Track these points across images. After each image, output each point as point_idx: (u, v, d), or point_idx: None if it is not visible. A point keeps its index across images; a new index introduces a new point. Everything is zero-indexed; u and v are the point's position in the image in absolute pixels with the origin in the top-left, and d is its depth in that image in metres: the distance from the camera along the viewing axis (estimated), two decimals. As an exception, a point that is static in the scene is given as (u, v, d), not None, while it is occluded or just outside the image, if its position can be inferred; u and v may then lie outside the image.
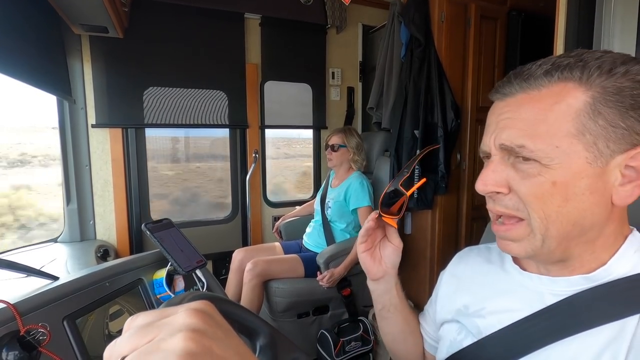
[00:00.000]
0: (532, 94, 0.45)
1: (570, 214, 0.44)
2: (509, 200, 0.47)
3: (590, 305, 0.45)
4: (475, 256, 0.65)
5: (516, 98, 0.46)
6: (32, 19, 1.42)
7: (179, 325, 0.22)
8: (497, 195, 0.47)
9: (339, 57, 2.63)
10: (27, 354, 0.55)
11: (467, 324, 0.57)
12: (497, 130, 0.47)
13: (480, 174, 0.48)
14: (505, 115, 0.46)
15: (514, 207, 0.46)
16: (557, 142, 0.42)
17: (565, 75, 0.43)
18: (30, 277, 0.80)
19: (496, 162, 0.47)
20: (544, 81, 0.44)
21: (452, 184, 2.24)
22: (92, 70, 1.96)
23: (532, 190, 0.44)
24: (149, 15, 2.05)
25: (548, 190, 0.43)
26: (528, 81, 0.45)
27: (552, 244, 0.45)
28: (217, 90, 2.27)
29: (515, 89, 0.46)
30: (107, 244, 2.02)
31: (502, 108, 0.47)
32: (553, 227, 0.44)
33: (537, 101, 0.44)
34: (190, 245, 0.90)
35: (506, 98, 0.47)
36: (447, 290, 0.65)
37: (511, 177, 0.46)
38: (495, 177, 0.46)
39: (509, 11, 2.34)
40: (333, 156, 2.09)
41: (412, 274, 2.41)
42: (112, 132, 2.04)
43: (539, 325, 0.48)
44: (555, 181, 0.43)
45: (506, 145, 0.45)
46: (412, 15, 2.07)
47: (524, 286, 0.53)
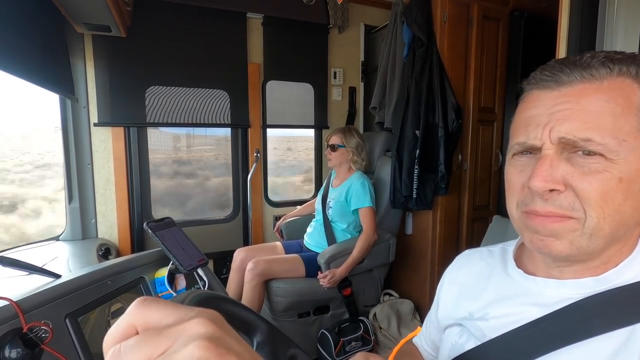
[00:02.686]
0: (594, 85, 0.42)
1: (626, 212, 0.42)
2: (564, 198, 0.42)
3: (600, 311, 0.43)
4: (476, 260, 0.63)
5: (575, 88, 0.42)
6: (35, 18, 1.42)
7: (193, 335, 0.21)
8: (550, 193, 0.43)
9: (341, 57, 2.63)
10: (29, 351, 0.55)
11: (469, 327, 0.56)
12: (552, 122, 0.42)
13: (536, 170, 0.43)
14: (564, 106, 0.42)
15: (570, 207, 0.42)
16: (623, 136, 0.40)
17: (624, 69, 0.42)
18: (32, 275, 0.81)
19: (552, 157, 0.43)
20: (604, 73, 0.42)
21: (453, 185, 2.23)
22: (95, 69, 1.97)
23: (596, 187, 0.41)
24: (152, 15, 2.05)
25: (613, 187, 0.41)
26: (588, 70, 0.42)
27: (599, 244, 0.43)
28: (219, 90, 2.27)
29: (573, 78, 0.42)
30: (108, 243, 2.03)
31: (556, 98, 0.43)
32: (608, 227, 0.42)
33: (600, 92, 0.41)
34: (191, 244, 0.90)
35: (560, 87, 0.43)
36: (449, 297, 0.63)
37: (568, 172, 0.42)
38: (554, 172, 0.42)
39: (512, 12, 2.34)
40: (332, 156, 2.09)
41: (412, 275, 2.41)
42: (114, 131, 2.05)
43: (545, 330, 0.46)
44: (621, 177, 0.40)
45: (568, 139, 0.41)
46: (415, 15, 2.07)
47: (528, 290, 0.51)
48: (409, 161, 2.09)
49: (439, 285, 0.69)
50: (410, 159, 2.09)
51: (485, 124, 2.36)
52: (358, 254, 1.91)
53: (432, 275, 2.25)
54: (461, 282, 0.63)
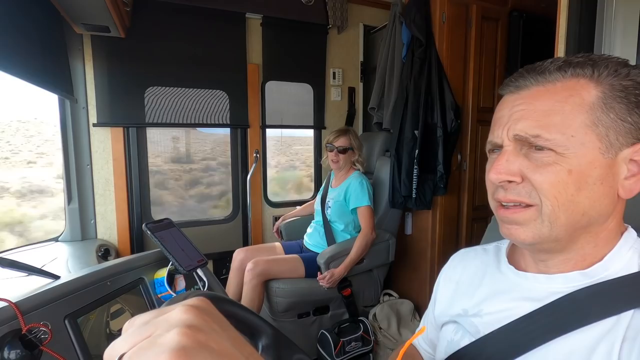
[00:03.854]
0: (547, 87, 0.47)
1: (582, 203, 0.45)
2: (522, 188, 0.47)
3: (590, 302, 0.46)
4: (471, 259, 0.65)
5: (531, 91, 0.48)
6: (34, 19, 1.42)
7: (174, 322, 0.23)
8: (509, 184, 0.48)
9: (340, 58, 2.63)
10: (28, 352, 0.55)
11: (464, 324, 0.58)
12: (510, 122, 0.48)
13: (494, 164, 0.49)
14: (520, 107, 0.47)
15: (527, 195, 0.47)
16: (572, 132, 0.44)
17: (578, 71, 0.46)
18: (31, 276, 0.81)
19: (509, 152, 0.48)
20: (558, 76, 0.46)
21: (452, 185, 2.24)
22: (94, 69, 1.96)
23: (547, 178, 0.45)
24: (151, 15, 2.05)
25: (563, 179, 0.45)
26: (543, 75, 0.47)
27: (560, 232, 0.46)
28: (218, 90, 2.27)
29: (530, 82, 0.48)
30: (108, 243, 2.03)
31: (515, 100, 0.48)
32: (564, 215, 0.45)
33: (552, 93, 0.46)
34: (191, 244, 0.90)
35: (520, 91, 0.49)
36: (445, 295, 0.66)
37: (525, 166, 0.47)
38: (509, 166, 0.47)
39: (510, 12, 2.34)
40: (340, 158, 2.06)
41: (412, 275, 2.41)
42: (114, 131, 2.05)
43: (539, 322, 0.48)
44: (571, 169, 0.44)
45: (521, 136, 0.46)
46: (413, 16, 2.08)
47: (519, 286, 0.53)
48: (408, 161, 2.10)
49: (436, 284, 0.71)
50: (409, 159, 2.10)
51: (485, 124, 2.36)
52: (356, 253, 1.91)
53: (432, 276, 2.25)
54: (457, 280, 0.65)
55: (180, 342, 0.21)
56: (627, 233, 0.50)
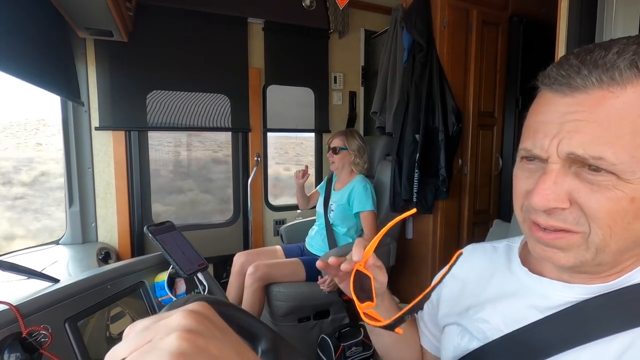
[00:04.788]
0: (615, 92, 0.36)
1: (637, 230, 0.39)
2: (569, 214, 0.40)
3: (601, 314, 0.42)
4: (480, 256, 0.61)
5: (591, 95, 0.37)
6: (38, 24, 1.43)
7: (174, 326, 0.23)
8: (553, 210, 0.40)
9: (341, 62, 2.64)
10: (28, 355, 0.55)
11: (470, 328, 0.55)
12: (562, 134, 0.38)
13: (538, 186, 0.40)
14: (576, 116, 0.37)
15: (574, 222, 0.40)
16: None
17: None
18: (31, 280, 0.81)
19: (557, 173, 0.39)
20: (630, 76, 0.36)
21: (453, 189, 2.23)
22: (97, 73, 1.98)
23: (605, 206, 0.37)
24: (154, 20, 2.07)
25: (624, 207, 0.37)
26: (609, 74, 0.36)
27: (605, 258, 0.41)
28: (220, 94, 2.28)
29: (590, 82, 0.37)
30: (108, 247, 2.03)
31: (569, 105, 0.38)
32: (615, 244, 0.39)
33: (620, 102, 0.36)
34: (191, 248, 0.90)
35: (575, 93, 0.38)
36: (451, 293, 0.62)
37: (575, 189, 0.39)
38: (557, 190, 0.39)
39: (511, 17, 2.35)
40: (335, 158, 2.09)
41: (413, 279, 2.40)
42: (115, 135, 2.05)
43: (545, 333, 0.45)
44: (634, 197, 0.37)
45: (577, 155, 0.37)
46: (414, 21, 2.09)
47: (532, 290, 0.49)
48: (408, 165, 2.10)
49: None
50: (410, 162, 2.10)
51: (485, 129, 2.36)
52: (358, 258, 1.90)
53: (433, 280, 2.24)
54: (464, 278, 0.61)
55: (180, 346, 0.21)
56: None
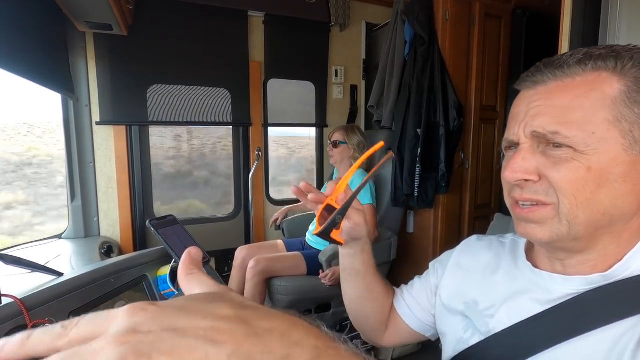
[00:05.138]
0: (566, 82, 0.44)
1: (602, 201, 0.43)
2: (540, 186, 0.45)
3: (599, 304, 0.44)
4: (484, 249, 0.63)
5: (548, 86, 0.45)
6: (37, 17, 1.42)
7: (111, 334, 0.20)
8: (525, 183, 0.46)
9: (342, 55, 2.62)
10: (33, 348, 0.55)
11: (476, 322, 0.56)
12: (527, 119, 0.46)
13: (509, 163, 0.47)
14: (537, 103, 0.45)
15: (544, 193, 0.45)
16: (593, 129, 0.42)
17: (599, 64, 0.43)
18: (35, 273, 0.81)
19: (525, 150, 0.46)
20: (578, 70, 0.44)
21: (455, 183, 2.23)
22: (97, 67, 1.97)
23: (565, 176, 0.43)
24: (153, 13, 2.05)
25: (582, 176, 0.43)
26: (561, 69, 0.44)
27: (579, 231, 0.44)
28: (220, 88, 2.27)
29: (547, 77, 0.46)
30: (111, 241, 2.04)
31: (532, 96, 0.47)
32: (583, 214, 0.43)
33: (571, 89, 0.44)
34: (194, 242, 0.90)
35: (537, 86, 0.47)
36: (454, 280, 0.64)
37: (542, 164, 0.45)
38: (525, 164, 0.45)
39: (514, 10, 2.33)
40: (334, 152, 2.09)
41: (414, 273, 2.38)
42: (116, 130, 2.05)
43: (545, 325, 0.47)
44: (590, 167, 0.42)
45: (538, 132, 0.44)
46: (416, 13, 2.07)
47: (535, 284, 0.51)
48: (410, 159, 2.09)
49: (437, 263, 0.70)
50: (411, 157, 2.09)
51: (487, 123, 2.35)
52: (359, 252, 1.91)
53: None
54: (467, 268, 0.63)
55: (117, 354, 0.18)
56: None
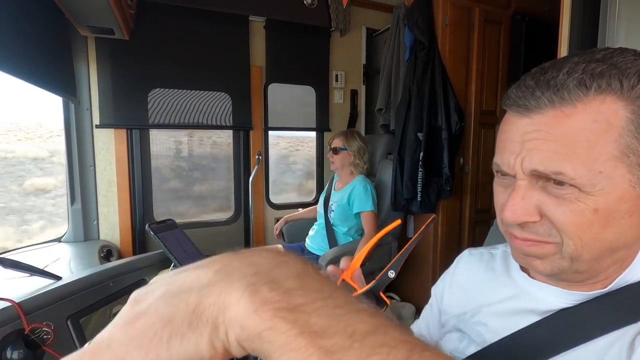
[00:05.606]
0: (566, 111, 0.38)
1: (608, 239, 0.41)
2: (540, 226, 0.42)
3: (598, 314, 0.43)
4: (476, 262, 0.62)
5: (545, 115, 0.39)
6: (39, 21, 1.43)
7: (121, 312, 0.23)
8: (526, 223, 0.43)
9: (343, 60, 2.63)
10: (31, 352, 0.55)
11: (469, 332, 0.55)
12: (524, 152, 0.41)
13: (508, 202, 0.42)
14: (534, 135, 0.40)
15: (546, 234, 0.42)
16: (599, 167, 0.37)
17: (603, 86, 0.37)
18: (33, 277, 0.81)
19: (525, 188, 0.41)
20: (579, 94, 0.38)
21: (455, 188, 2.23)
22: (98, 71, 1.98)
23: (570, 219, 0.39)
24: (155, 18, 2.07)
25: (588, 218, 0.39)
26: (559, 95, 0.38)
27: (581, 266, 0.42)
28: (221, 92, 2.28)
29: (543, 103, 0.39)
30: (110, 244, 2.03)
31: (527, 126, 0.41)
32: (587, 253, 0.41)
33: (573, 119, 0.38)
34: (193, 246, 0.90)
35: (531, 114, 0.40)
36: (453, 299, 0.63)
37: (543, 202, 0.41)
38: (526, 205, 0.41)
39: (513, 15, 2.34)
40: (335, 159, 2.09)
41: (414, 278, 2.40)
42: (117, 133, 2.06)
43: (541, 336, 0.46)
44: (597, 208, 0.38)
45: (539, 172, 0.40)
46: (416, 19, 2.08)
47: (531, 294, 0.50)
48: (411, 164, 2.09)
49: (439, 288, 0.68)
50: (412, 161, 2.09)
51: (487, 127, 2.35)
52: (359, 257, 1.90)
53: (434, 279, 2.21)
54: (462, 284, 0.62)
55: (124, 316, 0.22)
56: None
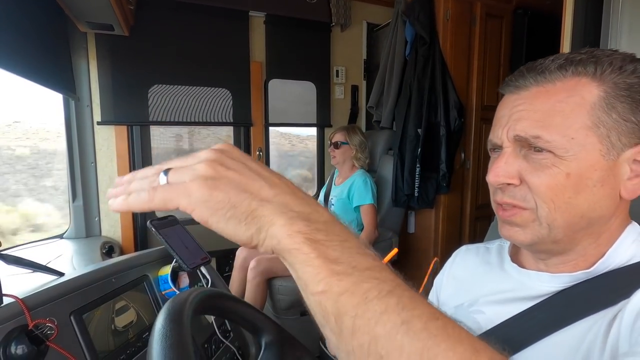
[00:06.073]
0: (547, 87, 0.45)
1: (580, 205, 0.44)
2: (518, 190, 0.47)
3: (586, 295, 0.46)
4: (473, 256, 0.65)
5: (530, 91, 0.46)
6: (38, 17, 1.43)
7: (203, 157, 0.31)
8: (507, 186, 0.48)
9: (343, 55, 2.62)
10: (35, 348, 0.55)
11: (466, 321, 0.57)
12: (510, 122, 0.47)
13: (492, 166, 0.48)
14: (520, 108, 0.46)
15: (522, 198, 0.47)
16: (572, 134, 0.43)
17: (580, 70, 0.44)
18: (36, 273, 0.81)
19: (508, 154, 0.47)
20: (559, 75, 0.45)
21: (456, 183, 2.23)
22: (98, 67, 1.97)
23: (545, 181, 0.44)
24: (155, 13, 2.05)
25: (561, 182, 0.44)
26: (542, 74, 0.45)
27: (558, 233, 0.46)
28: (221, 88, 2.27)
29: (529, 82, 0.47)
30: (112, 241, 2.04)
31: (515, 101, 0.48)
32: (561, 217, 0.45)
33: (552, 94, 0.45)
34: (195, 242, 0.90)
35: (519, 91, 0.48)
36: (449, 292, 0.66)
37: (523, 168, 0.46)
38: (508, 168, 0.47)
39: (515, 9, 2.33)
40: (336, 153, 2.10)
41: (415, 273, 2.40)
42: (118, 130, 2.05)
43: (536, 318, 0.48)
44: (569, 173, 0.43)
45: (521, 136, 0.45)
46: (417, 13, 2.07)
47: (522, 284, 0.53)
48: (410, 159, 2.09)
49: (439, 280, 0.71)
50: (412, 157, 2.09)
51: (488, 123, 2.31)
52: (360, 252, 1.91)
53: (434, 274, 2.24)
54: (458, 277, 0.66)
55: (206, 171, 0.29)
56: (630, 226, 0.49)
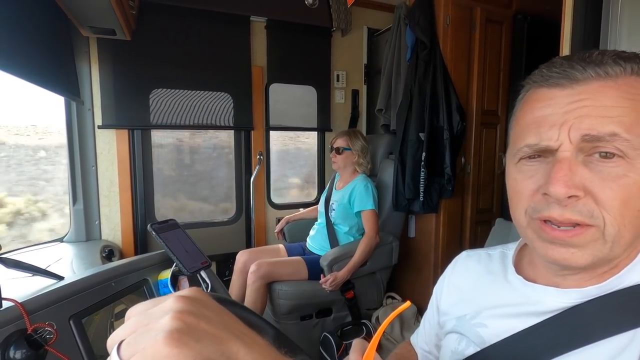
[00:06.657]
0: (608, 83, 0.39)
1: None
2: (583, 205, 0.39)
3: (598, 316, 0.42)
4: (474, 263, 0.62)
5: (591, 85, 0.40)
6: (42, 22, 1.44)
7: (167, 309, 0.25)
8: (569, 199, 0.39)
9: (344, 60, 2.63)
10: (34, 352, 0.55)
11: (468, 334, 0.55)
12: (570, 121, 0.39)
13: (554, 173, 0.39)
14: (581, 104, 0.39)
15: (588, 214, 0.39)
16: None
17: (635, 69, 0.40)
18: (35, 277, 0.81)
19: (570, 160, 0.39)
20: (618, 70, 0.40)
21: (456, 188, 2.22)
22: (100, 71, 1.98)
23: (619, 194, 0.38)
24: (156, 18, 2.07)
25: (635, 193, 0.38)
26: (603, 67, 0.40)
27: (618, 252, 0.41)
28: (222, 92, 2.28)
29: (588, 75, 0.40)
30: (112, 244, 2.03)
31: (570, 96, 0.40)
32: (629, 233, 0.39)
33: (617, 90, 0.39)
34: (195, 246, 0.90)
35: (574, 85, 0.40)
36: (449, 301, 0.63)
37: (587, 178, 0.39)
38: (573, 177, 0.39)
39: (515, 15, 2.34)
40: (338, 159, 2.09)
41: (415, 277, 2.40)
42: (119, 133, 2.06)
43: (543, 337, 0.45)
44: (637, 180, 0.38)
45: (592, 135, 0.38)
46: (418, 18, 2.08)
47: (527, 297, 0.50)
48: (412, 164, 2.09)
49: (438, 287, 0.68)
50: (414, 161, 2.09)
51: (489, 127, 2.35)
52: (360, 256, 1.91)
53: (435, 279, 2.21)
54: (460, 286, 0.62)
55: (173, 325, 0.24)
56: None
